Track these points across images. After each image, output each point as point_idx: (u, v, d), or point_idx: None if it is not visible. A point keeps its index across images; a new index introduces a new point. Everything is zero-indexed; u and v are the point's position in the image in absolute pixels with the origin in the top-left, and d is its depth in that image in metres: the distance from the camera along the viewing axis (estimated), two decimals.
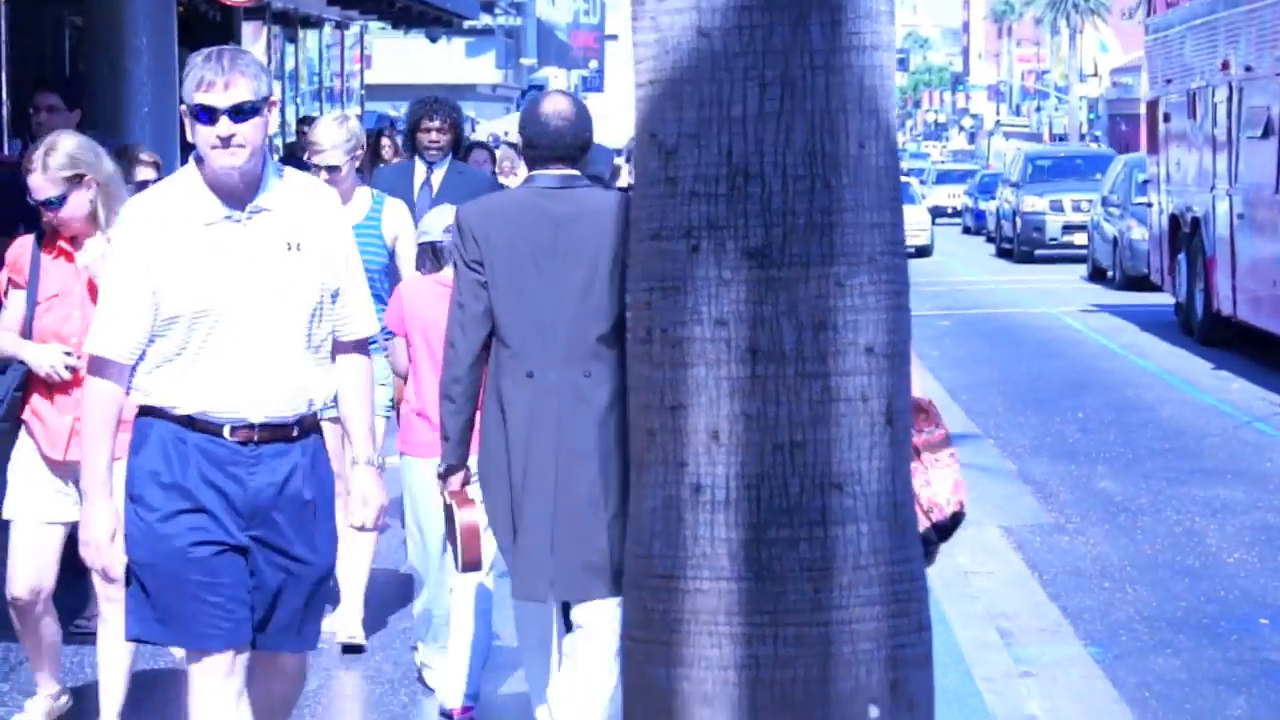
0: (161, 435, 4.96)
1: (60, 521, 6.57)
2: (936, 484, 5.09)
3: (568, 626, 6.25)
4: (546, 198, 5.79)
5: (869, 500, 4.19)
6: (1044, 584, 9.48)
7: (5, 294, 6.72)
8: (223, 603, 4.95)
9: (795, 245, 4.15)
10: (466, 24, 37.15)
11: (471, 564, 6.03)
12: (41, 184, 6.45)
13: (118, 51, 19.89)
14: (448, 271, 6.84)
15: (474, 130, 36.88)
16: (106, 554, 4.98)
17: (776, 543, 4.15)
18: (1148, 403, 15.95)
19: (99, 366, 4.98)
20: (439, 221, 7.27)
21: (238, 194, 4.98)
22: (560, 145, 5.82)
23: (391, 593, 8.78)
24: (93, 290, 6.39)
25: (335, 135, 8.14)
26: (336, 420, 5.59)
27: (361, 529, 5.43)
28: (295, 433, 5.07)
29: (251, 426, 5.00)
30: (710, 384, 4.17)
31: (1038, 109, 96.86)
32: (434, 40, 37.33)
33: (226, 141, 4.86)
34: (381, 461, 5.48)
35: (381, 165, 13.30)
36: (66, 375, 6.46)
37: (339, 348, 5.19)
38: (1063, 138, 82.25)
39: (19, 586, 6.53)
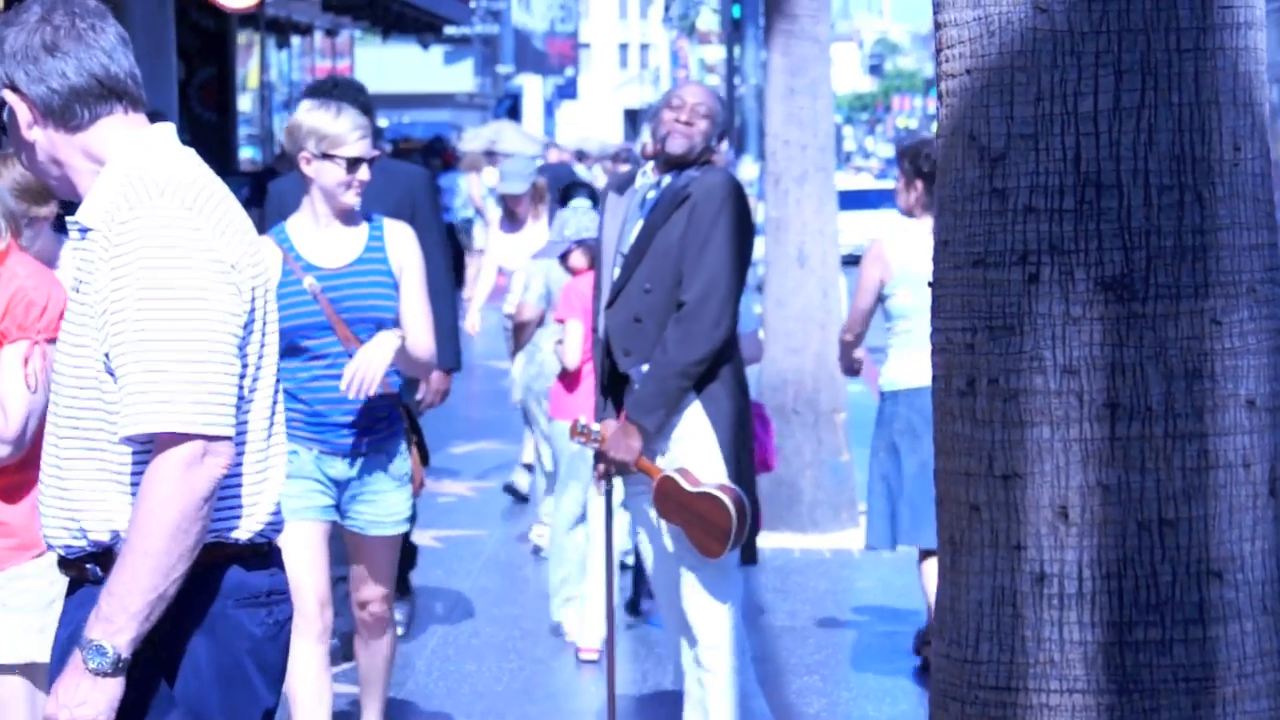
0: None
1: None
2: None
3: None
4: None
5: (1252, 590, 3.36)
6: None
7: None
8: None
9: (1162, 273, 3.32)
10: (446, 31, 36.36)
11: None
12: None
13: None
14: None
15: (459, 139, 36.08)
16: None
17: (1145, 646, 3.32)
18: None
19: None
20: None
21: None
22: None
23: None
24: None
25: (357, 118, 6.33)
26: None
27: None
28: (94, 575, 3.55)
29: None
30: (1056, 447, 3.33)
31: None
32: (427, 47, 36.48)
33: None
34: None
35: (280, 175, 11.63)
36: None
37: None
38: None
39: None
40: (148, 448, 3.43)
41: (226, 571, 3.53)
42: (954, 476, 3.45)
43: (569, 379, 8.82)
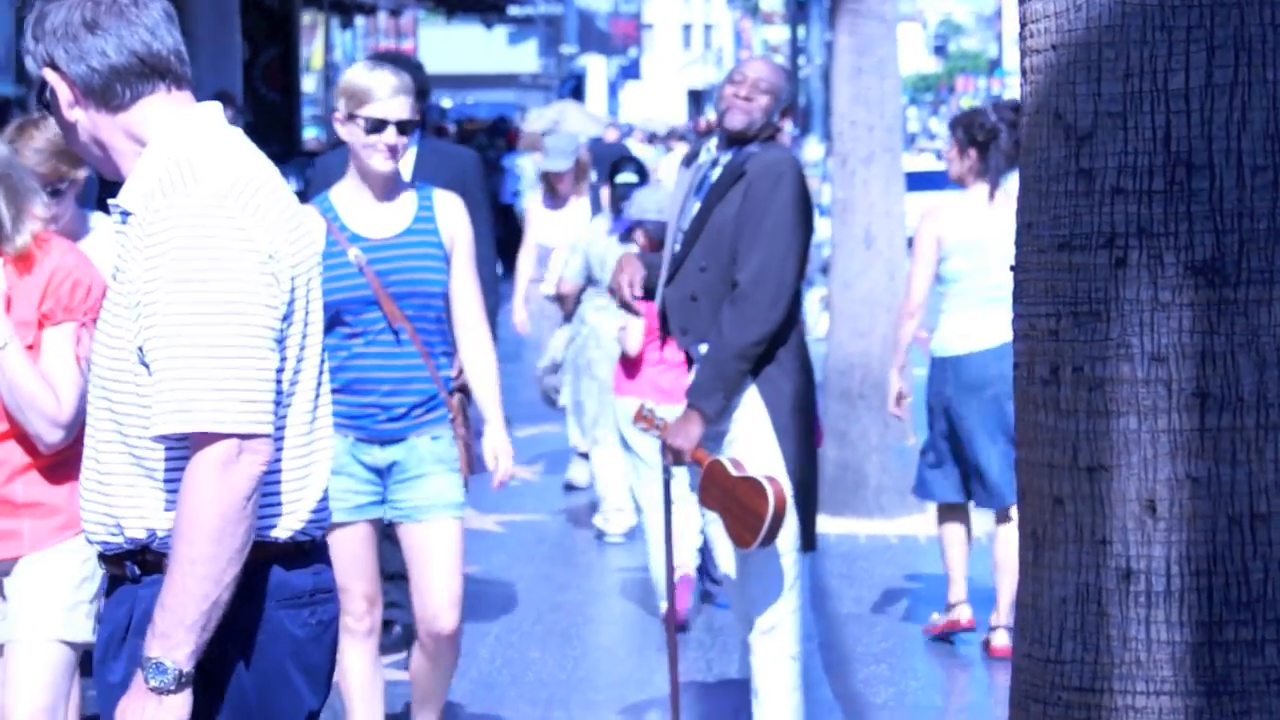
0: None
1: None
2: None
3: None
4: None
5: None
6: None
7: None
8: None
9: (1254, 257, 3.18)
10: (509, 12, 36.29)
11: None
12: None
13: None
14: None
15: (523, 118, 36.03)
16: None
17: (1236, 646, 3.19)
18: None
19: None
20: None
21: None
22: None
23: None
24: None
25: (396, 79, 5.91)
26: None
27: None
28: (131, 573, 3.45)
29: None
30: (1144, 439, 3.20)
31: None
32: (490, 28, 36.38)
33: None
34: None
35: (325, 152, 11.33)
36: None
37: None
38: None
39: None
40: (182, 446, 3.31)
41: (267, 572, 3.41)
42: (1037, 468, 3.33)
43: (630, 363, 8.78)
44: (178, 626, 3.22)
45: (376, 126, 5.82)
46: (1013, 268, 3.41)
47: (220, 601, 3.25)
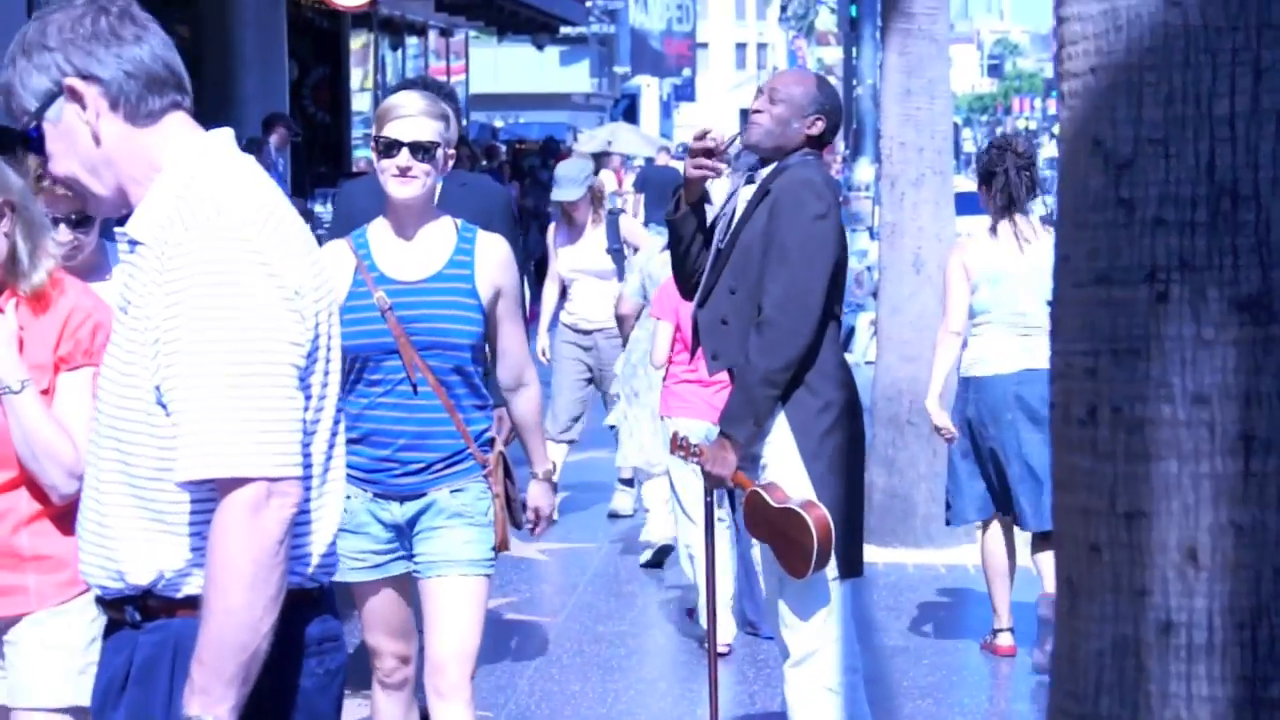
0: None
1: None
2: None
3: None
4: None
5: None
6: None
7: None
8: None
9: None
10: (561, 31, 36.24)
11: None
12: None
13: (227, 60, 19.12)
14: None
15: (575, 139, 35.97)
16: None
17: None
18: None
19: None
20: None
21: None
22: None
23: None
24: None
25: (419, 100, 5.57)
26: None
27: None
28: (130, 618, 3.34)
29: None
30: (1185, 483, 3.04)
31: None
32: (541, 48, 36.33)
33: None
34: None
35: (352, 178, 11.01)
36: None
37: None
38: None
39: None
40: (202, 490, 3.18)
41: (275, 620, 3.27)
42: (1072, 514, 3.17)
43: (664, 377, 8.87)
44: (216, 681, 3.10)
45: (390, 147, 5.51)
46: (1050, 303, 3.26)
47: (259, 652, 3.13)
